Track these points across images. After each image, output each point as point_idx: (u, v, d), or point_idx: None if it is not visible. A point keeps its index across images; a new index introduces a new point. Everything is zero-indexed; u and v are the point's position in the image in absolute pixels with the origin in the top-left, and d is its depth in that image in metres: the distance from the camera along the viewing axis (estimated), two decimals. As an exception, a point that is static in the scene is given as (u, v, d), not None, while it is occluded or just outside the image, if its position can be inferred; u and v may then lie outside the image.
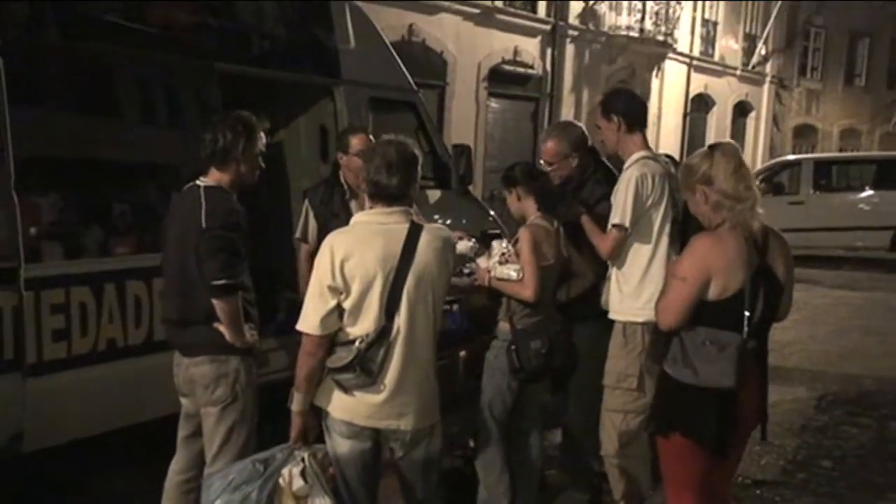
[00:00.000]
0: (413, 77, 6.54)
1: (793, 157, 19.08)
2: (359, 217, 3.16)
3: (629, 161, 3.96)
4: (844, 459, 5.38)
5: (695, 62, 24.00)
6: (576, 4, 19.16)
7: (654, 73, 21.96)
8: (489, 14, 16.85)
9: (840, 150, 28.33)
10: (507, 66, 17.63)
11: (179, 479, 3.59)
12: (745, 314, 2.94)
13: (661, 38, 21.03)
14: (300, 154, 6.04)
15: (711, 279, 2.94)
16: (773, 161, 19.35)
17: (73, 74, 4.17)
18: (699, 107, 25.09)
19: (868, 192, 15.72)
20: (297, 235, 4.78)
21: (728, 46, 25.85)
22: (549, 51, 18.67)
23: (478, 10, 16.56)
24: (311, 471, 2.98)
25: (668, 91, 22.73)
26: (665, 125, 22.52)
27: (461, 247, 3.92)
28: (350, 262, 2.90)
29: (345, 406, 3.00)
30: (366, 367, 2.92)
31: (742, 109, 27.48)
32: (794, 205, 15.10)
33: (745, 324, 2.94)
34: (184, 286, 3.39)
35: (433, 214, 5.67)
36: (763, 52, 27.23)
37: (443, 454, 3.30)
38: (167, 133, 4.66)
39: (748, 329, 2.95)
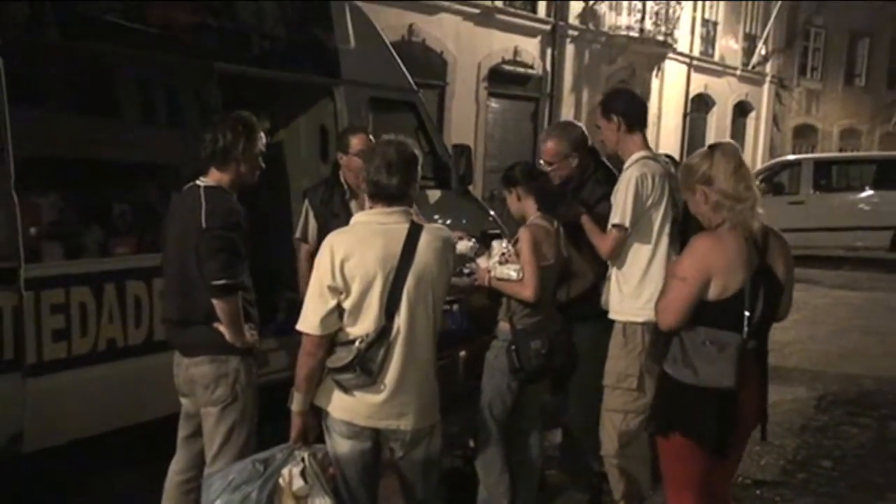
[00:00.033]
0: (413, 77, 6.54)
1: (793, 157, 19.09)
2: (359, 217, 3.16)
3: (629, 161, 3.96)
4: (844, 459, 5.38)
5: (695, 62, 24.01)
6: (576, 4, 19.16)
7: (654, 73, 21.97)
8: (489, 14, 16.85)
9: (840, 150, 28.34)
10: (507, 66, 17.63)
11: (179, 479, 3.59)
12: (745, 314, 2.94)
13: (661, 38, 21.04)
14: (300, 154, 6.04)
15: (711, 279, 2.94)
16: (773, 161, 19.35)
17: (73, 74, 4.17)
18: (699, 107, 25.10)
19: (868, 192, 15.74)
20: (297, 235, 4.78)
21: (728, 46, 25.86)
22: (549, 51, 18.68)
23: (478, 10, 16.56)
24: (311, 471, 2.98)
25: (668, 91, 22.74)
26: (665, 125, 22.52)
27: (461, 247, 3.92)
28: (350, 262, 2.90)
29: (345, 406, 3.00)
30: (366, 367, 2.92)
31: (742, 109, 27.49)
32: (794, 205, 15.12)
33: (745, 324, 2.94)
34: (184, 286, 3.39)
35: (433, 214, 5.66)
36: (763, 52, 27.25)
37: (443, 454, 3.29)
38: (167, 133, 4.66)
39: (748, 329, 2.95)
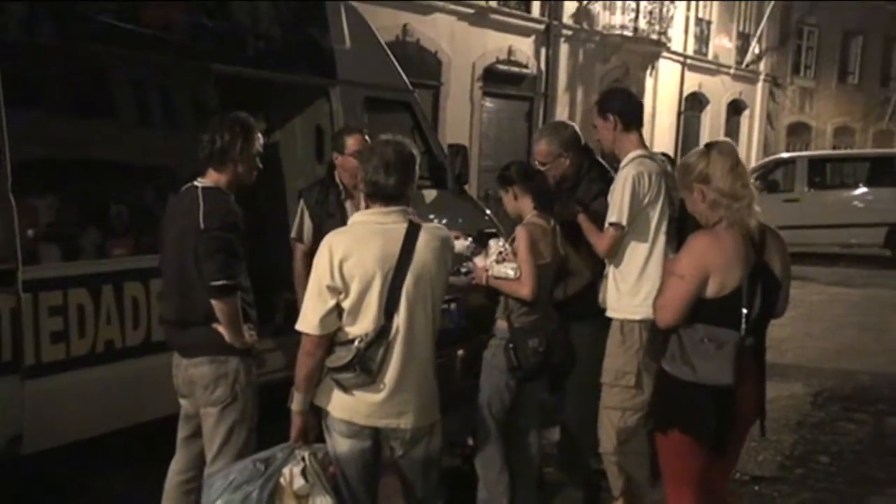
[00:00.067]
0: (408, 77, 6.54)
1: (787, 155, 19.14)
2: (357, 217, 3.16)
3: (626, 160, 3.97)
4: (842, 455, 5.40)
5: (689, 61, 24.05)
6: (570, 4, 19.19)
7: (649, 72, 22.00)
8: (483, 14, 16.87)
9: (834, 148, 28.39)
10: (502, 66, 17.65)
11: (179, 480, 3.59)
12: (743, 311, 2.95)
13: (655, 38, 21.09)
14: (296, 154, 6.04)
15: (709, 277, 2.95)
16: (768, 159, 19.39)
17: (70, 76, 4.17)
18: (693, 105, 25.16)
19: (862, 190, 15.82)
20: (293, 235, 4.78)
21: (722, 45, 25.90)
22: (544, 50, 18.70)
23: (472, 10, 16.57)
24: (312, 470, 2.99)
25: (663, 90, 22.78)
26: (659, 124, 22.54)
27: (458, 246, 3.91)
28: (349, 262, 2.91)
29: (344, 405, 3.00)
30: (365, 367, 2.92)
31: (736, 108, 27.54)
32: (789, 202, 15.19)
33: (743, 321, 2.96)
34: (182, 287, 3.39)
35: (429, 214, 5.66)
36: (757, 51, 27.33)
37: (443, 453, 3.30)
38: (164, 134, 4.67)
39: (746, 326, 2.96)
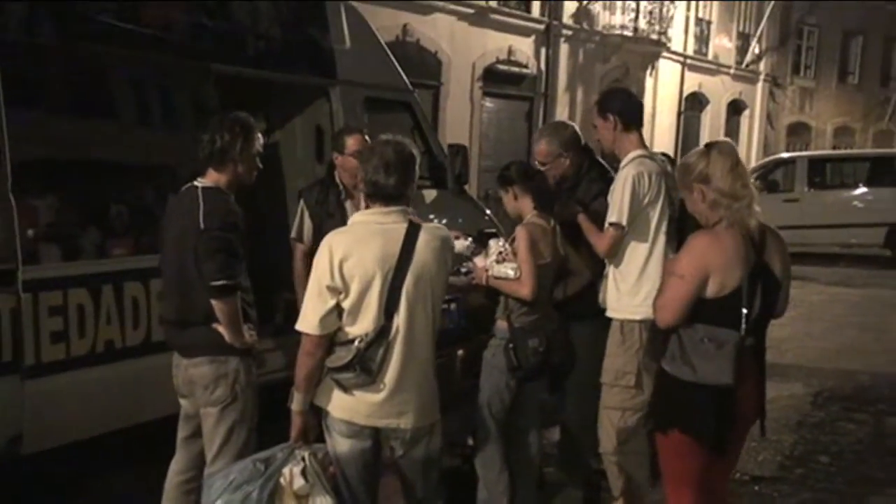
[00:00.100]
0: (407, 77, 6.54)
1: (787, 155, 19.14)
2: (357, 217, 3.16)
3: (626, 160, 3.97)
4: (842, 455, 5.40)
5: (689, 61, 24.05)
6: (570, 4, 19.19)
7: (649, 72, 22.00)
8: (483, 14, 16.87)
9: (834, 148, 28.40)
10: (502, 66, 17.66)
11: (179, 480, 3.59)
12: (743, 311, 2.95)
13: (655, 38, 21.09)
14: (296, 154, 6.04)
15: (709, 277, 2.95)
16: (768, 159, 19.39)
17: (70, 76, 4.17)
18: (693, 105, 25.17)
19: (862, 190, 15.82)
20: (293, 235, 4.78)
21: (722, 45, 25.91)
22: (544, 50, 18.71)
23: (472, 10, 16.58)
24: (312, 470, 2.99)
25: (663, 90, 22.78)
26: (659, 124, 22.55)
27: (457, 246, 3.91)
28: (349, 262, 2.91)
29: (344, 405, 3.00)
30: (365, 367, 2.92)
31: (736, 108, 27.54)
32: (789, 202, 15.19)
33: (743, 321, 2.96)
34: (182, 287, 3.39)
35: (429, 214, 5.67)
36: (756, 51, 27.33)
37: (443, 453, 3.30)
38: (164, 134, 4.67)
39: (746, 326, 2.96)
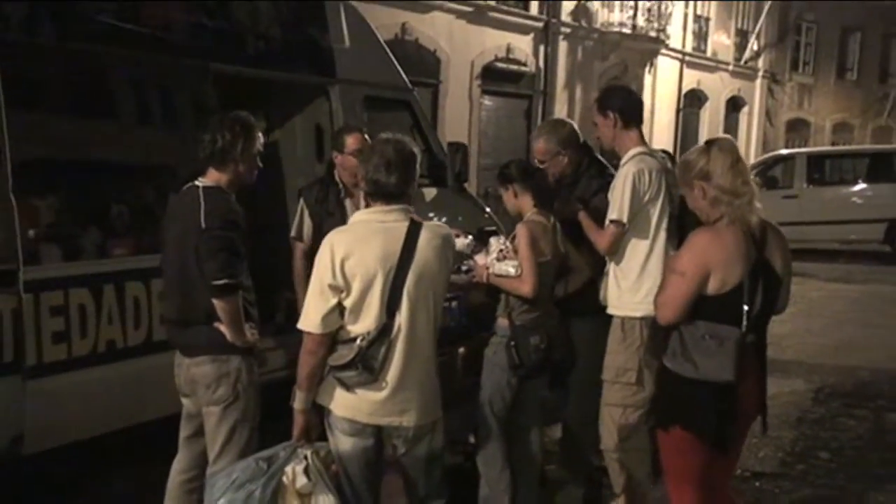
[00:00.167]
0: (407, 75, 6.54)
1: (786, 152, 19.10)
2: (358, 216, 3.17)
3: (626, 157, 3.97)
4: (842, 451, 5.41)
5: (687, 58, 24.06)
6: (568, 2, 19.17)
7: (647, 70, 22.01)
8: (482, 12, 16.87)
9: (833, 144, 28.40)
10: (501, 64, 17.66)
11: (182, 479, 3.59)
12: (744, 308, 2.96)
13: (654, 35, 21.10)
14: (296, 153, 6.04)
15: (710, 274, 2.95)
16: (767, 155, 19.38)
17: (70, 76, 4.17)
18: (692, 102, 25.16)
19: (861, 186, 15.82)
20: (293, 234, 4.78)
21: (720, 42, 25.91)
22: (542, 48, 18.71)
23: (470, 8, 16.57)
24: (315, 468, 2.99)
25: (661, 87, 22.78)
26: (658, 121, 22.55)
27: (458, 244, 3.92)
28: (350, 261, 2.91)
29: (347, 403, 3.01)
30: (367, 365, 2.93)
31: (735, 104, 27.56)
32: (788, 199, 15.19)
33: (744, 318, 2.96)
34: (184, 286, 3.40)
35: (429, 212, 5.67)
36: (755, 48, 27.33)
37: (445, 450, 3.30)
38: (164, 134, 4.67)
39: (747, 323, 2.97)
